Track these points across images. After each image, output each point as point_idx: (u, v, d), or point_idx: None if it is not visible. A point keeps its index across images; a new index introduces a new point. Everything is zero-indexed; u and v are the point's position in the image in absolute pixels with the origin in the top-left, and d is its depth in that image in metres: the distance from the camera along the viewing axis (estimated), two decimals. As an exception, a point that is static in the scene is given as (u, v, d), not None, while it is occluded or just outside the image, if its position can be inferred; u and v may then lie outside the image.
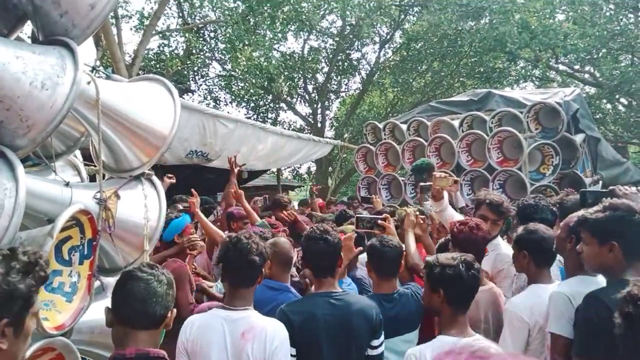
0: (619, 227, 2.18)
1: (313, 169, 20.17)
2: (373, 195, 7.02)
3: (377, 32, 18.42)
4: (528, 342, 2.66)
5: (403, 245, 3.17)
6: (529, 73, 18.25)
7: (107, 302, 2.50)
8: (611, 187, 2.73)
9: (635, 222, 2.17)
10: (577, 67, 17.98)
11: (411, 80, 18.15)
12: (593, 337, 2.10)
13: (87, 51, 2.67)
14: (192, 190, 4.86)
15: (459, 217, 3.82)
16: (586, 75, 18.27)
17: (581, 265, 2.52)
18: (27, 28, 2.34)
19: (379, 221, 3.59)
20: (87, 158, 2.97)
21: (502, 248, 3.54)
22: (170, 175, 5.27)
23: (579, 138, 6.80)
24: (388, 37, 18.61)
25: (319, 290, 2.64)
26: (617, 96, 17.19)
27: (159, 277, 1.86)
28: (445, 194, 3.82)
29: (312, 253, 2.64)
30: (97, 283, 2.41)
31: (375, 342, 2.57)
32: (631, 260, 2.19)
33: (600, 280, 2.46)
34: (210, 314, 2.41)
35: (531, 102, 6.80)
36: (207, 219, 4.93)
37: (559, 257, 2.99)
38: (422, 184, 5.98)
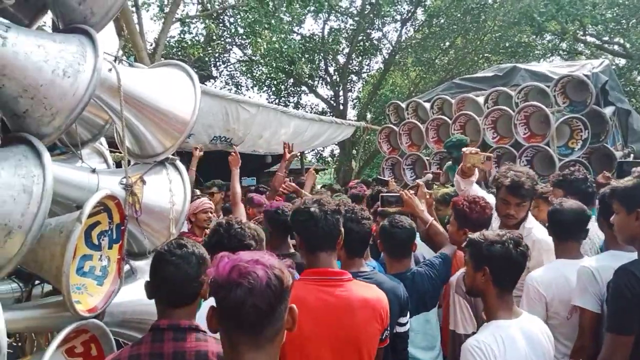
0: None
1: (337, 151, 20.11)
2: (389, 178, 6.96)
3: (397, 9, 18.12)
4: (548, 316, 2.64)
5: (414, 225, 3.05)
6: (555, 46, 17.76)
7: (137, 285, 2.57)
8: None
9: None
10: (605, 38, 17.42)
11: (434, 58, 17.84)
12: (625, 313, 2.07)
13: (109, 41, 2.70)
14: (234, 148, 4.81)
15: (485, 195, 3.41)
16: (615, 47, 17.69)
17: (614, 241, 2.48)
18: (47, 17, 2.38)
19: (404, 196, 3.39)
20: (112, 145, 3.02)
21: (536, 234, 3.06)
22: (198, 147, 5.14)
23: (608, 111, 6.61)
24: (409, 14, 18.29)
25: (350, 270, 2.64)
26: (648, 67, 16.61)
27: (188, 259, 1.88)
28: (476, 172, 3.49)
29: (348, 234, 2.60)
30: (126, 267, 2.47)
31: (402, 320, 2.57)
32: None
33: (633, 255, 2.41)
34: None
35: (558, 76, 6.62)
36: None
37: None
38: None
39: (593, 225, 2.96)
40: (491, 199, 3.24)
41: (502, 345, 1.97)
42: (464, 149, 3.53)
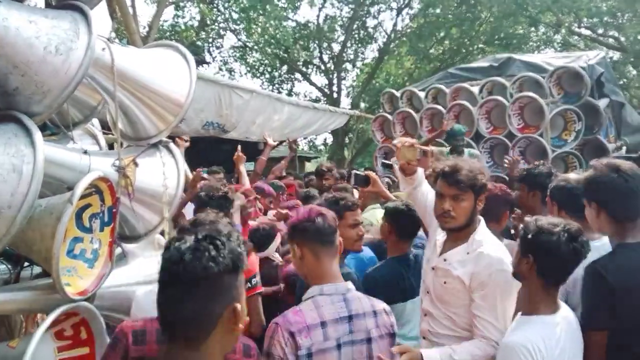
0: (594, 186, 2.19)
1: (329, 140, 20.08)
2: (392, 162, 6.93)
3: (393, -3, 18.02)
4: None
5: None
6: (550, 38, 17.75)
7: (128, 268, 2.54)
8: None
9: (606, 180, 2.15)
10: (600, 31, 17.44)
11: (429, 48, 17.78)
12: (594, 309, 2.09)
13: (102, 23, 2.64)
14: (239, 147, 4.81)
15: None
16: (610, 40, 17.72)
17: None
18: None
19: (371, 176, 3.45)
20: (105, 127, 2.97)
21: (486, 248, 2.32)
22: (185, 138, 5.10)
23: (602, 103, 6.62)
24: (405, 3, 18.19)
25: None
26: (642, 61, 16.67)
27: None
28: (419, 172, 2.71)
29: None
30: (118, 250, 2.44)
31: None
32: (622, 221, 2.15)
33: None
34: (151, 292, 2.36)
35: (553, 67, 6.61)
36: None
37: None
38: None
39: None
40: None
41: (549, 344, 1.89)
42: (394, 141, 2.81)
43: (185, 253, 1.15)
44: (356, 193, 4.40)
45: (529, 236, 1.99)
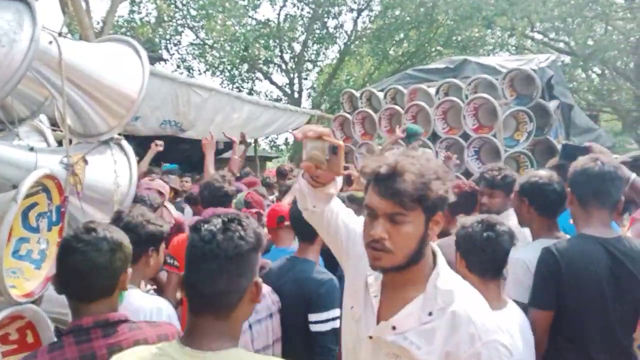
0: (571, 173, 2.32)
1: (291, 139, 20.03)
2: (349, 164, 6.98)
3: (354, -1, 18.18)
4: None
5: None
6: (505, 42, 18.28)
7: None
8: (587, 144, 2.79)
9: (579, 166, 2.29)
10: (552, 35, 18.10)
11: (388, 49, 18.01)
12: (543, 289, 2.21)
13: (53, 17, 2.55)
14: (210, 132, 4.84)
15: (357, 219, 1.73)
16: (561, 44, 18.41)
17: (543, 229, 2.54)
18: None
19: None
20: (55, 124, 2.88)
21: (461, 298, 1.45)
22: (158, 142, 5.12)
23: (552, 105, 6.84)
24: (365, 4, 18.37)
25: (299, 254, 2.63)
26: (590, 65, 17.38)
27: (97, 246, 1.63)
28: (338, 180, 1.72)
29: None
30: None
31: (313, 317, 2.33)
32: (588, 209, 2.26)
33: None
34: None
35: (507, 69, 6.80)
36: None
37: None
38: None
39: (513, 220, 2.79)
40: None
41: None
42: (295, 131, 1.92)
43: (217, 233, 1.27)
44: None
45: (457, 234, 2.10)
